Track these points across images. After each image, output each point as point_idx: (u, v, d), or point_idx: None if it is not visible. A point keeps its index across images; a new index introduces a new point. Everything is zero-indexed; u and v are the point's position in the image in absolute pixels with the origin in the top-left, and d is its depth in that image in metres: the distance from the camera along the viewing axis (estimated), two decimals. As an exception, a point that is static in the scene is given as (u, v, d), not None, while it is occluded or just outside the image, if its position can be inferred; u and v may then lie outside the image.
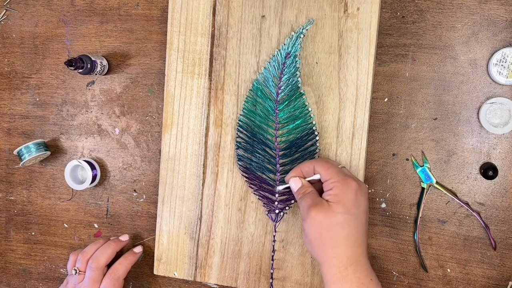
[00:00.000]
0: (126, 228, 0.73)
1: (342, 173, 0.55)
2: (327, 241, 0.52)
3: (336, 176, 0.54)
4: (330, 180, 0.54)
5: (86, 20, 0.72)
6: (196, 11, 0.65)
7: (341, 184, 0.53)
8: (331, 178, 0.54)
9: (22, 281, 0.78)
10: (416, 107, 0.64)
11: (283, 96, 0.62)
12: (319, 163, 0.57)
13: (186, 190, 0.67)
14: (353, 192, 0.53)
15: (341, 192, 0.53)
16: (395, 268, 0.66)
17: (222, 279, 0.66)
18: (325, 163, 0.56)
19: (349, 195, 0.53)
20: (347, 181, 0.54)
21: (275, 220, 0.64)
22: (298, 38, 0.62)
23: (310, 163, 0.57)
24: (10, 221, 0.77)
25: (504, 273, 0.63)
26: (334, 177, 0.54)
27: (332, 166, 0.56)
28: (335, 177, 0.54)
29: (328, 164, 0.56)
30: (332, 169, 0.55)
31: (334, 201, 0.53)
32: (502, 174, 0.63)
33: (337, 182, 0.54)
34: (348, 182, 0.54)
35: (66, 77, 0.74)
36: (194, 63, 0.65)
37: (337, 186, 0.53)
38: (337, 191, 0.53)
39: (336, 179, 0.54)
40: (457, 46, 0.63)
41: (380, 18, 0.63)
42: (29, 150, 0.71)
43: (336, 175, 0.54)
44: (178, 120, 0.66)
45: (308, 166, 0.58)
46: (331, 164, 0.56)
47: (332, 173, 0.55)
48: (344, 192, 0.53)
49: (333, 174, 0.54)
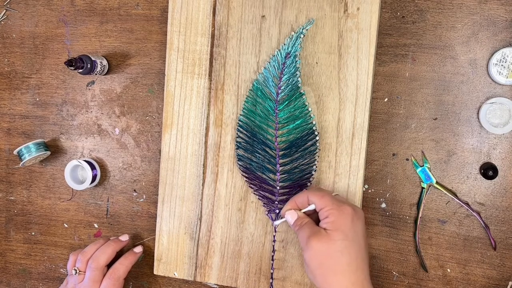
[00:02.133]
0: (126, 228, 0.73)
1: (336, 200, 0.55)
2: (329, 269, 0.52)
3: (330, 204, 0.54)
4: (325, 208, 0.54)
5: (86, 20, 0.72)
6: (196, 11, 0.65)
7: (336, 211, 0.53)
8: (326, 206, 0.54)
9: (22, 281, 0.78)
10: (416, 107, 0.64)
11: (283, 96, 0.62)
12: (312, 192, 0.57)
13: (186, 190, 0.67)
14: (349, 217, 0.53)
15: (338, 218, 0.53)
16: (395, 268, 0.66)
17: (222, 279, 0.66)
18: (318, 192, 0.56)
19: (345, 221, 0.53)
20: (342, 208, 0.54)
21: (275, 220, 0.64)
22: (298, 38, 0.62)
23: (303, 194, 0.58)
24: (10, 221, 0.77)
25: (504, 273, 0.63)
26: (328, 205, 0.54)
27: (326, 194, 0.56)
28: (330, 205, 0.54)
29: (321, 193, 0.56)
30: (326, 197, 0.55)
31: (332, 229, 0.53)
32: (502, 174, 0.63)
33: (332, 209, 0.54)
34: (343, 208, 0.54)
35: (66, 77, 0.74)
36: (194, 63, 0.65)
37: (332, 213, 0.53)
38: (333, 218, 0.53)
39: (331, 207, 0.54)
40: (457, 46, 0.63)
41: (380, 18, 0.63)
42: (29, 150, 0.71)
43: (330, 203, 0.54)
44: (178, 120, 0.66)
45: (302, 197, 0.58)
46: (324, 192, 0.56)
47: (326, 201, 0.55)
48: (340, 218, 0.53)
49: (328, 202, 0.54)
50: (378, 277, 0.66)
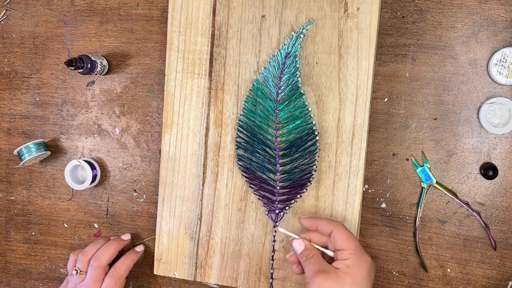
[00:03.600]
0: (126, 228, 0.73)
1: (360, 247, 0.55)
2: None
3: (354, 249, 0.54)
4: (348, 251, 0.54)
5: (86, 20, 0.72)
6: (196, 11, 0.65)
7: (357, 258, 0.53)
8: (349, 249, 0.54)
9: (22, 281, 0.78)
10: (416, 107, 0.64)
11: (283, 96, 0.62)
12: (339, 229, 0.56)
13: (186, 190, 0.67)
14: (367, 268, 0.53)
15: (356, 265, 0.53)
16: (395, 268, 0.66)
17: (222, 279, 0.66)
18: (345, 232, 0.56)
19: (363, 270, 0.53)
20: (364, 257, 0.54)
21: (275, 220, 0.64)
22: (298, 38, 0.62)
23: (329, 224, 0.57)
24: (10, 221, 0.77)
25: (504, 273, 0.63)
26: (352, 249, 0.54)
27: (352, 237, 0.55)
28: (353, 250, 0.54)
29: (348, 234, 0.56)
30: (351, 240, 0.55)
31: (346, 272, 0.53)
32: (502, 174, 0.63)
33: (354, 255, 0.54)
34: (364, 258, 0.54)
35: (66, 77, 0.74)
36: (194, 63, 0.65)
37: (352, 259, 0.53)
38: (352, 264, 0.53)
39: (353, 252, 0.54)
40: (457, 46, 0.63)
41: (380, 18, 0.63)
42: (29, 150, 0.71)
43: (354, 247, 0.54)
44: (178, 120, 0.66)
45: (327, 225, 0.57)
46: (351, 234, 0.56)
47: (351, 244, 0.54)
48: (358, 266, 0.53)
49: (352, 246, 0.54)
50: (378, 277, 0.66)
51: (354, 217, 0.62)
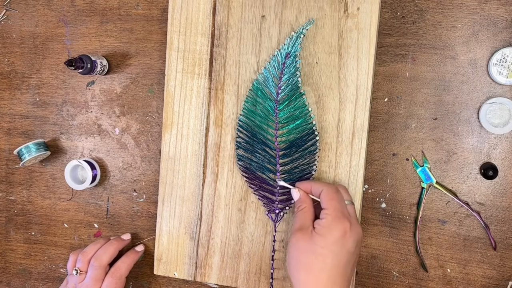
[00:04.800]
0: (126, 228, 0.73)
1: (341, 210, 0.53)
2: (302, 266, 0.52)
3: (332, 210, 0.53)
4: (325, 211, 0.53)
5: (86, 20, 0.72)
6: (196, 11, 0.65)
7: (332, 219, 0.53)
8: (327, 209, 0.54)
9: (22, 281, 0.78)
10: (416, 107, 0.64)
11: (283, 96, 0.62)
12: (327, 190, 0.55)
13: (186, 190, 0.67)
14: (341, 231, 0.52)
15: (329, 226, 0.52)
16: (395, 268, 0.66)
17: (222, 279, 0.66)
18: (331, 193, 0.55)
19: (335, 232, 0.52)
20: (340, 219, 0.53)
21: (275, 220, 0.64)
22: (298, 38, 0.62)
23: (320, 185, 0.56)
24: (10, 221, 0.77)
25: (504, 273, 0.63)
26: (330, 210, 0.53)
27: (334, 199, 0.54)
28: (331, 211, 0.53)
29: (333, 195, 0.55)
30: (333, 202, 0.54)
31: (319, 233, 0.52)
32: (502, 174, 0.63)
33: (330, 215, 0.53)
34: (340, 220, 0.52)
35: (66, 77, 0.74)
36: (194, 63, 0.65)
37: (327, 219, 0.53)
38: (325, 224, 0.52)
39: (330, 213, 0.53)
40: (457, 46, 0.63)
41: (380, 18, 0.63)
42: (29, 150, 0.71)
43: (333, 209, 0.53)
44: (178, 120, 0.66)
45: (318, 187, 0.57)
46: (335, 196, 0.55)
47: (331, 205, 0.54)
48: (331, 227, 0.52)
49: (331, 207, 0.54)
50: (378, 277, 0.66)
51: (354, 217, 0.62)
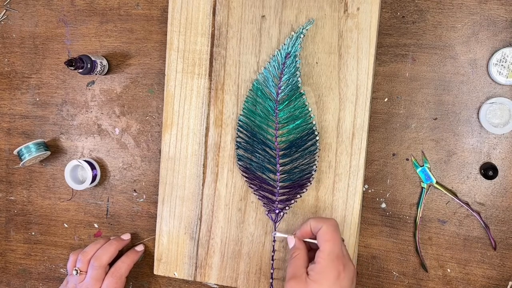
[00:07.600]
0: (126, 228, 0.73)
1: (336, 253, 0.52)
2: None
3: (327, 254, 0.52)
4: (320, 254, 0.52)
5: (86, 20, 0.72)
6: (196, 11, 0.65)
7: (326, 264, 0.51)
8: (322, 252, 0.52)
9: (22, 281, 0.78)
10: (416, 107, 0.64)
11: (283, 96, 0.62)
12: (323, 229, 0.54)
13: (186, 190, 0.67)
14: (335, 274, 0.51)
15: (323, 272, 0.51)
16: (395, 268, 0.66)
17: (222, 279, 0.66)
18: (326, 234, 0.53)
19: (330, 276, 0.51)
20: (333, 263, 0.51)
21: (275, 220, 0.64)
22: (298, 38, 0.62)
23: (320, 222, 0.55)
24: (10, 221, 0.77)
25: (504, 273, 0.63)
26: (325, 254, 0.52)
27: (330, 240, 0.53)
28: (326, 254, 0.52)
29: (328, 236, 0.53)
30: (329, 243, 0.52)
31: (313, 280, 0.51)
32: (502, 174, 0.63)
33: (324, 260, 0.52)
34: (334, 264, 0.51)
35: (66, 77, 0.74)
36: (194, 63, 0.65)
37: (321, 264, 0.51)
38: (320, 269, 0.51)
39: (325, 257, 0.52)
40: (457, 46, 0.63)
41: (380, 18, 0.63)
42: (29, 150, 0.71)
43: (327, 252, 0.52)
44: (178, 120, 0.66)
45: (317, 225, 0.55)
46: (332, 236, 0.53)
47: (325, 246, 0.52)
48: (326, 272, 0.51)
49: (326, 249, 0.52)
50: (378, 277, 0.66)
51: (354, 217, 0.62)
